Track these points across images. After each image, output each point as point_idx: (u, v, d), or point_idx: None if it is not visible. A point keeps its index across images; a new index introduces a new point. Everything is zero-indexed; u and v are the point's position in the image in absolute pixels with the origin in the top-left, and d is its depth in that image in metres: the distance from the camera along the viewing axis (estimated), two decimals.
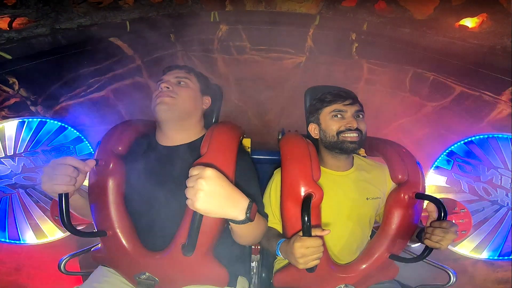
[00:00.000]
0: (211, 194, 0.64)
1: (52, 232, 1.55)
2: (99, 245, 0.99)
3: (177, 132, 1.00)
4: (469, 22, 1.91)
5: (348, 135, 1.00)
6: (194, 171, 0.65)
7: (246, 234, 0.83)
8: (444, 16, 1.95)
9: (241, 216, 0.69)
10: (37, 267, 1.71)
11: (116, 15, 1.93)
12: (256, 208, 0.72)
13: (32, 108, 1.81)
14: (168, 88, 0.96)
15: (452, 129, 1.92)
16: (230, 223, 0.74)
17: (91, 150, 1.60)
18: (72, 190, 0.79)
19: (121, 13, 1.94)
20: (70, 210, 0.79)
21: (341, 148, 1.02)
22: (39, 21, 1.77)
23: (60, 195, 0.76)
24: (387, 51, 2.05)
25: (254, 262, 1.13)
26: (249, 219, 0.69)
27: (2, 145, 1.51)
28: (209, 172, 0.64)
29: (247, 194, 0.71)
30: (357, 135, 1.00)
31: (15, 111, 1.74)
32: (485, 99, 1.86)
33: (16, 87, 1.74)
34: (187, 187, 0.65)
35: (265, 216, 0.97)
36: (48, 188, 0.77)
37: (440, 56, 1.96)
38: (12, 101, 1.75)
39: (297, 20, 2.14)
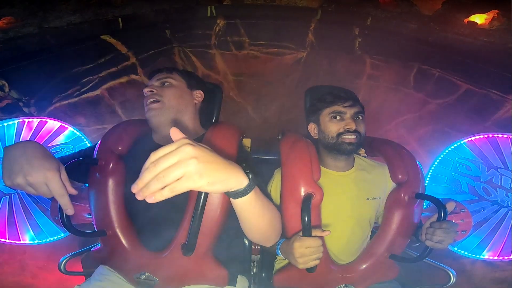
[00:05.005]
0: (205, 157, 0.52)
1: (52, 232, 1.61)
2: (99, 245, 1.04)
3: None
4: (479, 19, 1.93)
5: (347, 136, 1.05)
6: (166, 149, 0.51)
7: (256, 215, 0.74)
8: (452, 11, 1.96)
9: (244, 178, 0.61)
10: (41, 267, 1.76)
11: (108, 11, 1.93)
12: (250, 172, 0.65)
13: (25, 109, 1.84)
14: (152, 91, 1.03)
15: (457, 127, 1.96)
16: (236, 202, 0.66)
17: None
18: None
19: (112, 9, 1.94)
20: None
21: (338, 150, 1.07)
22: (26, 20, 1.76)
23: None
24: (392, 47, 2.08)
25: (254, 262, 1.18)
26: (253, 181, 0.64)
27: (2, 145, 1.55)
28: (185, 139, 0.53)
29: None
30: (355, 137, 1.05)
31: (8, 113, 1.77)
32: (492, 97, 1.90)
33: (7, 89, 1.76)
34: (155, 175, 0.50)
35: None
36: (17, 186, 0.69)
37: (447, 52, 1.99)
38: (4, 103, 1.78)
39: (298, 14, 2.16)
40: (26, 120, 1.60)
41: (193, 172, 0.50)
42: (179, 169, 0.49)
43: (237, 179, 0.60)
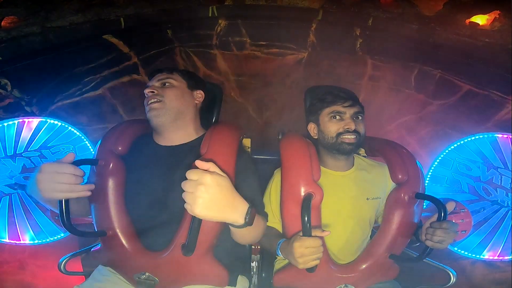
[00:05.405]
0: (211, 201, 0.64)
1: (52, 232, 1.60)
2: (99, 245, 1.04)
3: (174, 132, 1.05)
4: (480, 20, 1.91)
5: (346, 136, 1.05)
6: (193, 176, 0.64)
7: (245, 235, 0.89)
8: (454, 12, 1.94)
9: (240, 220, 0.70)
10: (41, 266, 1.76)
11: (110, 11, 1.93)
12: (255, 212, 0.75)
13: (27, 108, 1.84)
14: (153, 92, 1.03)
15: (458, 128, 1.95)
16: (229, 225, 0.77)
17: (92, 150, 1.64)
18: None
19: (114, 9, 1.93)
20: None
21: (338, 150, 1.07)
22: (28, 19, 1.77)
23: None
24: (393, 47, 2.07)
25: (254, 262, 1.17)
26: (248, 224, 0.71)
27: (2, 145, 1.55)
28: (209, 179, 0.63)
29: (247, 196, 0.73)
30: (354, 137, 1.05)
31: (10, 112, 1.78)
32: (494, 98, 1.88)
33: (9, 88, 1.76)
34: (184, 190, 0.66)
35: (265, 216, 1.02)
36: (49, 196, 0.79)
37: (448, 53, 1.97)
38: (6, 102, 1.78)
39: (299, 15, 2.15)
40: (26, 120, 1.60)
41: (197, 206, 0.64)
42: (190, 199, 0.64)
43: (234, 219, 0.70)
